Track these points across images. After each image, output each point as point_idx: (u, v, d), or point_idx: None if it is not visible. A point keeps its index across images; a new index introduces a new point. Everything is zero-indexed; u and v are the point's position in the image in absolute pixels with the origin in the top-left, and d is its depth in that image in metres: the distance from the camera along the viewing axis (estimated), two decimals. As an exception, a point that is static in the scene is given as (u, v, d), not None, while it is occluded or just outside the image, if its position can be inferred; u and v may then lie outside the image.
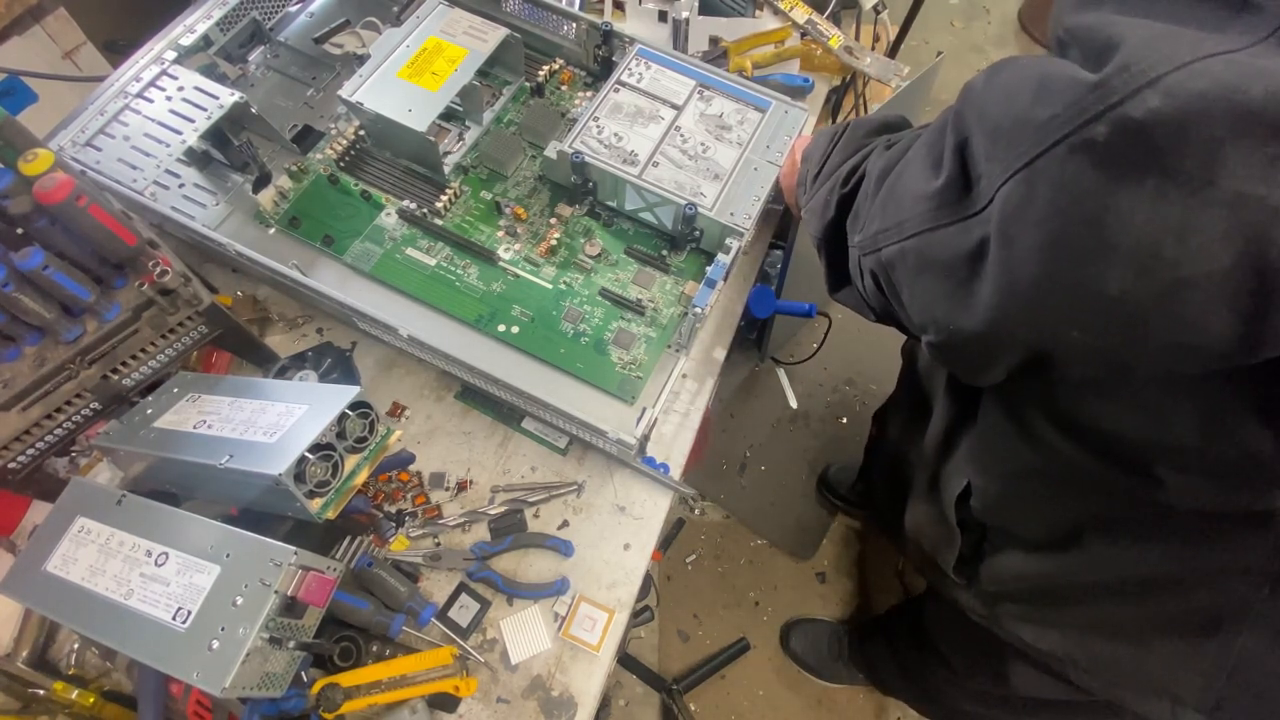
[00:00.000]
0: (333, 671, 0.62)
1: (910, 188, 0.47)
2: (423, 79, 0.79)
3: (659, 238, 0.83)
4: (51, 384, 0.59)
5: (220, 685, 0.48)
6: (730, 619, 1.49)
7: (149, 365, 0.65)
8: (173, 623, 0.52)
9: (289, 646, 0.53)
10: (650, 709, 1.40)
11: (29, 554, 0.59)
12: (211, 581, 0.53)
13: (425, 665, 0.64)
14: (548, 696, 0.64)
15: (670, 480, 0.72)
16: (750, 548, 1.56)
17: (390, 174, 0.86)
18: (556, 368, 0.75)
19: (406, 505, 0.72)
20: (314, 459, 0.57)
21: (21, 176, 0.54)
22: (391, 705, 0.63)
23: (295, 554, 0.53)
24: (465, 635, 0.66)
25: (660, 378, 0.75)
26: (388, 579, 0.66)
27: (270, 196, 0.82)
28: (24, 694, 0.62)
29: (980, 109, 0.41)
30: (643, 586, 0.71)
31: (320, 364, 0.77)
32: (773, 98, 0.82)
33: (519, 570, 0.70)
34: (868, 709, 1.43)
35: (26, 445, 0.60)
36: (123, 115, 0.77)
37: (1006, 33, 2.37)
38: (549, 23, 0.91)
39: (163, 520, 0.57)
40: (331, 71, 0.92)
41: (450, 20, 0.84)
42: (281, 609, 0.52)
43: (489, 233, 0.82)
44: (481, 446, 0.75)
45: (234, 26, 0.88)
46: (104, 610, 0.54)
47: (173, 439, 0.62)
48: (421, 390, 0.78)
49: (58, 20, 0.92)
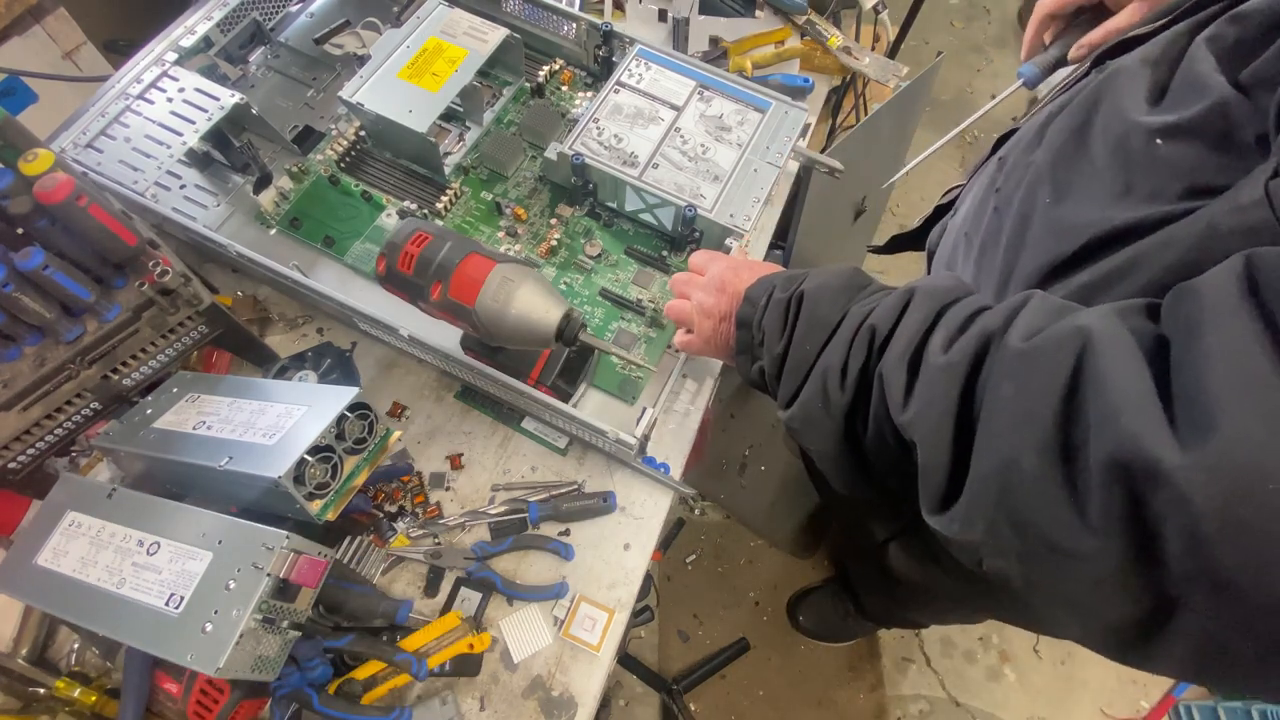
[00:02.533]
0: (345, 671, 0.63)
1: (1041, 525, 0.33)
2: (423, 80, 0.79)
3: (659, 238, 0.83)
4: (51, 384, 0.59)
5: (215, 665, 0.49)
6: (730, 619, 1.49)
7: (149, 365, 0.65)
8: (166, 608, 0.52)
9: (282, 628, 0.54)
10: (650, 709, 1.40)
11: (17, 549, 0.59)
12: (204, 568, 0.53)
13: (437, 634, 0.65)
14: (548, 696, 0.65)
15: (670, 480, 0.72)
16: (750, 548, 1.56)
17: (391, 175, 0.86)
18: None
19: (407, 505, 0.72)
20: (313, 461, 0.57)
21: (22, 176, 0.54)
22: (420, 694, 0.63)
23: (287, 538, 0.53)
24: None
25: (660, 378, 0.75)
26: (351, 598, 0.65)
27: (271, 197, 0.83)
28: (25, 693, 0.62)
29: (1204, 539, 0.27)
30: (643, 586, 0.71)
31: (320, 364, 0.77)
32: (773, 98, 0.82)
33: (519, 571, 0.70)
34: (868, 709, 1.43)
35: (27, 445, 0.60)
36: (123, 117, 0.77)
37: (1006, 33, 2.37)
38: (549, 23, 0.91)
39: (154, 511, 0.57)
40: (332, 72, 0.92)
41: (450, 21, 0.84)
42: (274, 591, 0.52)
43: (489, 233, 0.82)
44: (481, 446, 0.75)
45: (234, 27, 0.88)
46: (96, 599, 0.54)
47: (172, 440, 0.62)
48: (421, 390, 0.78)
49: (58, 20, 0.92)
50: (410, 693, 0.65)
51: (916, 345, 0.41)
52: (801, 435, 0.49)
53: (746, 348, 0.55)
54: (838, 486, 0.51)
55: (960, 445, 0.37)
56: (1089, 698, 1.47)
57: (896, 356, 0.41)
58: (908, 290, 0.45)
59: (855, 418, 0.45)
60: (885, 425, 0.42)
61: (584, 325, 0.62)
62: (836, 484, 0.51)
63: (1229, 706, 1.39)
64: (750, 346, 0.54)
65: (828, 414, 0.45)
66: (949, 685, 1.46)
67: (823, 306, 0.48)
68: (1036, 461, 0.32)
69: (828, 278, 0.50)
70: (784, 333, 0.50)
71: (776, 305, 0.51)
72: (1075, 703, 1.46)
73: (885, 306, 0.44)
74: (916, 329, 0.41)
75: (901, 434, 0.41)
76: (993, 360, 0.36)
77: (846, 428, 0.45)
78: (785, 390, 0.50)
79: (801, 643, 1.48)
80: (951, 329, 0.40)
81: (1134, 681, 1.49)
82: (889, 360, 0.42)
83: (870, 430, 0.44)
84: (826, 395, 0.45)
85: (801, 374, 0.48)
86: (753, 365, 0.55)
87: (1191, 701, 1.44)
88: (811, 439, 0.48)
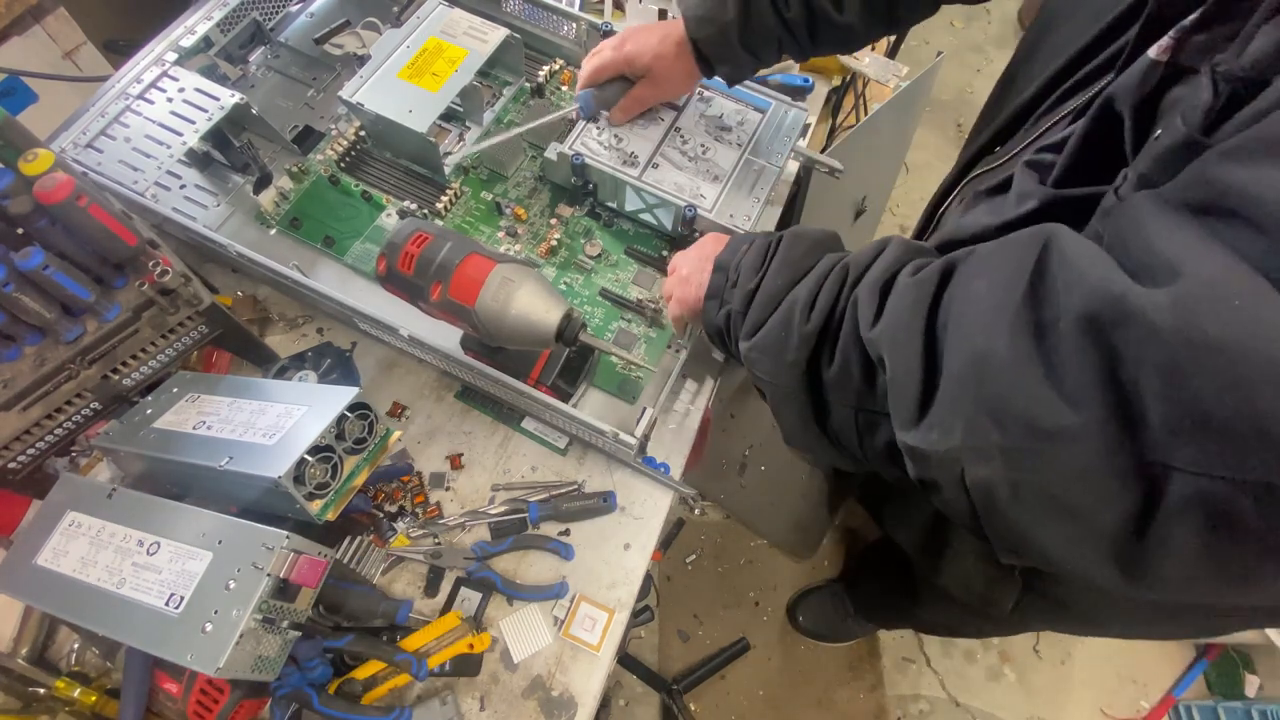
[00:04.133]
0: (345, 671, 0.63)
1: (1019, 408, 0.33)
2: (423, 80, 0.79)
3: (659, 238, 0.83)
4: (51, 384, 0.59)
5: (215, 665, 0.49)
6: (730, 619, 1.49)
7: (149, 365, 0.65)
8: (166, 608, 0.52)
9: (282, 628, 0.54)
10: (650, 709, 1.40)
11: (17, 549, 0.59)
12: (204, 568, 0.53)
13: (437, 634, 0.65)
14: (548, 696, 0.65)
15: (670, 480, 0.72)
16: (750, 548, 1.56)
17: (391, 175, 0.86)
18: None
19: (407, 505, 0.72)
20: (313, 461, 0.57)
21: (22, 176, 0.54)
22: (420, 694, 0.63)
23: (287, 538, 0.53)
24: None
25: (660, 378, 0.75)
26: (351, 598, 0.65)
27: (271, 197, 0.83)
28: (25, 693, 0.62)
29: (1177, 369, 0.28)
30: (643, 586, 0.71)
31: (320, 364, 0.77)
32: (772, 98, 0.82)
33: (519, 571, 0.70)
34: (868, 709, 1.43)
35: (26, 445, 0.60)
36: (123, 117, 0.77)
37: (1006, 32, 2.37)
38: (549, 23, 0.91)
39: (154, 511, 0.57)
40: (332, 72, 0.92)
41: (450, 21, 0.84)
42: (274, 591, 0.52)
43: (489, 233, 0.82)
44: (481, 446, 0.75)
45: (234, 27, 0.88)
46: (96, 599, 0.54)
47: (172, 440, 0.62)
48: (421, 390, 0.78)
49: (58, 20, 0.92)
50: (410, 693, 0.65)
51: (890, 275, 0.44)
52: (759, 365, 0.51)
53: (717, 291, 0.57)
54: (788, 432, 0.53)
55: (930, 355, 0.38)
56: (1089, 698, 1.47)
57: (870, 282, 0.44)
58: (883, 240, 0.48)
59: (820, 351, 0.47)
60: (853, 351, 0.44)
61: (584, 325, 0.62)
62: (787, 428, 0.53)
63: (1229, 706, 1.39)
64: (721, 290, 0.56)
65: (789, 342, 0.48)
66: (949, 685, 1.46)
67: (799, 249, 0.52)
68: (1010, 345, 0.33)
69: (808, 230, 0.54)
70: (759, 270, 0.52)
71: (757, 248, 0.54)
72: (1075, 703, 1.46)
73: (861, 252, 0.48)
74: (890, 264, 0.45)
75: (869, 352, 0.43)
76: (960, 271, 0.39)
77: (808, 358, 0.47)
78: (751, 321, 0.52)
79: (801, 643, 1.48)
80: (922, 263, 0.43)
81: (1134, 681, 1.49)
82: (863, 286, 0.45)
83: (835, 361, 0.45)
84: (791, 323, 0.48)
85: (770, 307, 0.50)
86: (720, 310, 0.56)
87: (1192, 701, 1.44)
88: (768, 369, 0.50)
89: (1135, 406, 0.29)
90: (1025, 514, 0.35)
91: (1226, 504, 0.28)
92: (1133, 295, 0.30)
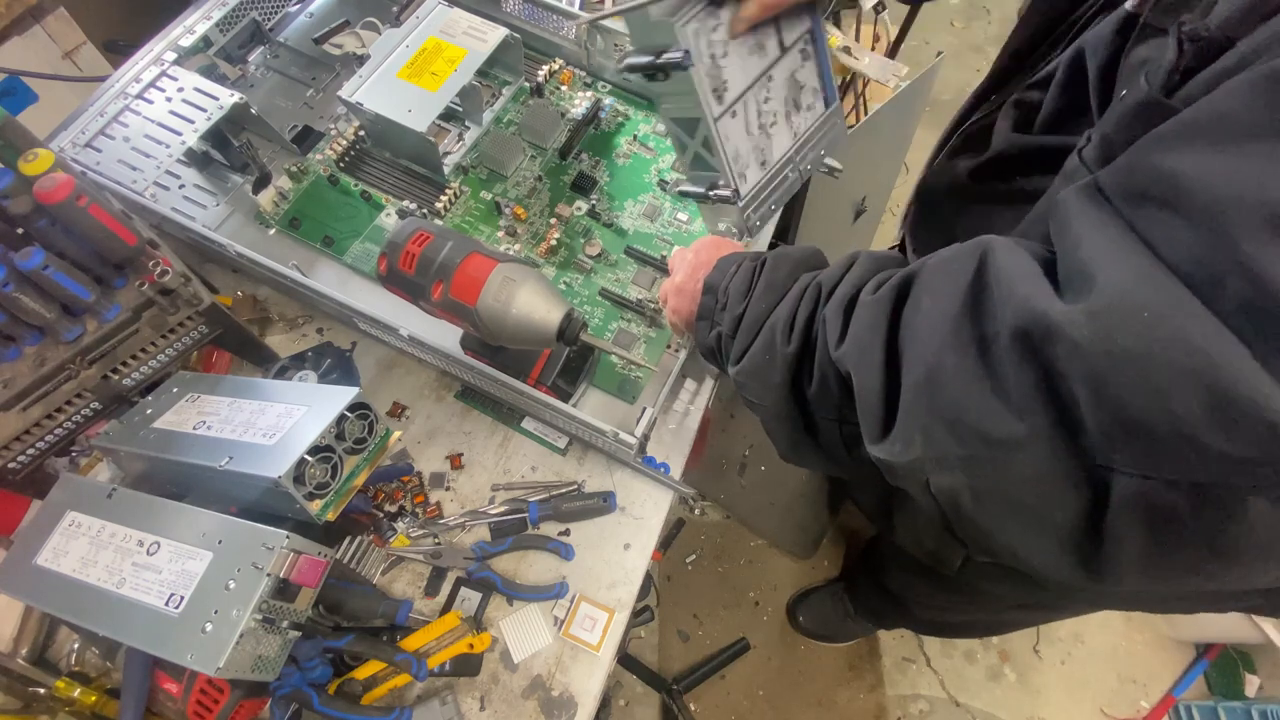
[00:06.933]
0: (345, 671, 0.63)
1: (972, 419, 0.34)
2: (422, 79, 0.79)
3: (659, 239, 0.83)
4: (51, 384, 0.59)
5: (215, 665, 0.49)
6: (730, 619, 1.49)
7: (149, 365, 0.65)
8: (166, 608, 0.52)
9: (282, 628, 0.54)
10: (650, 709, 1.40)
11: (17, 549, 0.59)
12: (204, 567, 0.53)
13: (437, 634, 0.65)
14: (548, 696, 0.65)
15: (670, 480, 0.72)
16: (750, 548, 1.56)
17: (390, 174, 0.86)
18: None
19: (407, 505, 0.72)
20: (313, 461, 0.57)
21: (22, 176, 0.54)
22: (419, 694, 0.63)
23: (287, 538, 0.53)
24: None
25: (660, 378, 0.75)
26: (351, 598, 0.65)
27: (270, 197, 0.83)
28: (25, 693, 0.62)
29: (1100, 379, 0.30)
30: (643, 586, 0.71)
31: (320, 364, 0.77)
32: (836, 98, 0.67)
33: (519, 571, 0.70)
34: (868, 709, 1.43)
35: (27, 445, 0.60)
36: (123, 116, 0.77)
37: (1006, 32, 2.36)
38: (549, 23, 0.91)
39: (154, 512, 0.57)
40: (331, 72, 0.92)
41: (450, 20, 0.84)
42: (274, 591, 0.52)
43: (489, 233, 0.82)
44: (481, 446, 0.75)
45: (234, 27, 0.88)
46: (96, 599, 0.54)
47: (172, 440, 0.62)
48: (421, 390, 0.78)
49: (58, 20, 0.92)
50: (410, 693, 0.65)
51: (854, 293, 0.45)
52: (747, 389, 0.52)
53: (708, 313, 0.57)
54: (783, 449, 0.54)
55: (891, 370, 0.39)
56: (1089, 698, 1.47)
57: (836, 302, 0.45)
58: (852, 254, 0.49)
59: (801, 371, 0.48)
60: (829, 369, 0.45)
61: (585, 325, 0.62)
62: (781, 446, 0.54)
63: (1229, 706, 1.39)
64: (711, 312, 0.56)
65: (772, 365, 0.48)
66: (949, 685, 1.46)
67: (780, 272, 0.52)
68: (957, 358, 0.34)
69: (790, 250, 0.54)
70: (745, 295, 0.53)
71: (744, 271, 0.54)
72: (1075, 703, 1.46)
73: (832, 268, 0.49)
74: (856, 282, 0.46)
75: (839, 370, 0.44)
76: (914, 286, 0.40)
77: (792, 379, 0.48)
78: (738, 347, 0.52)
79: (801, 643, 1.48)
80: (883, 279, 0.44)
81: (1134, 681, 1.49)
82: (829, 306, 0.46)
83: (815, 379, 0.46)
84: (774, 346, 0.48)
85: (754, 331, 0.51)
86: (710, 331, 0.56)
87: (1192, 701, 1.44)
88: (756, 392, 0.51)
89: (1074, 414, 0.31)
90: (989, 518, 0.36)
91: (1163, 502, 0.29)
92: (1054, 312, 0.31)
